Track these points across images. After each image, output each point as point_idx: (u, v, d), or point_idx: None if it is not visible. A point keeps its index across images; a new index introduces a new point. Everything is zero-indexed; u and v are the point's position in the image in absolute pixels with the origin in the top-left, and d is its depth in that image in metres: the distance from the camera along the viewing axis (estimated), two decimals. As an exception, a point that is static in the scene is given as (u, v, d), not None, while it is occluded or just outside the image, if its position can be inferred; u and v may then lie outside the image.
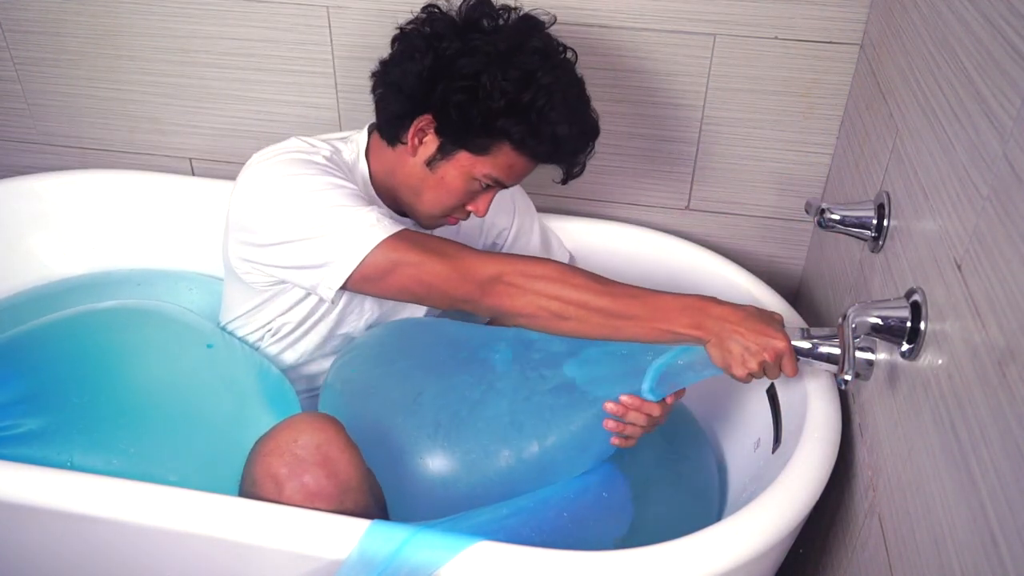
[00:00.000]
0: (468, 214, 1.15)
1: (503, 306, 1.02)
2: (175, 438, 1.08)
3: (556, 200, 1.50)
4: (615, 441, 1.04)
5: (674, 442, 1.20)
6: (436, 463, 1.03)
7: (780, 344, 0.96)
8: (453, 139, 1.08)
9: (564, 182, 1.15)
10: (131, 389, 1.11)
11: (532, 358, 1.09)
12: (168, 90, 1.53)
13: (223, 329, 1.26)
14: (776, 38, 1.28)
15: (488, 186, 1.11)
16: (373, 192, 1.17)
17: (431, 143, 1.09)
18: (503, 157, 1.08)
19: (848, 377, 0.89)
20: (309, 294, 1.14)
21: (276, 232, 1.05)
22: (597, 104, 1.38)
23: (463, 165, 1.09)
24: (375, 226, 1.02)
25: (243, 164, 1.57)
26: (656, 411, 1.03)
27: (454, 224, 1.19)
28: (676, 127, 1.39)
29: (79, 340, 1.16)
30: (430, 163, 1.10)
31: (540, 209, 1.43)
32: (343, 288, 1.03)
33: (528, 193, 1.41)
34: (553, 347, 1.09)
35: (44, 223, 1.55)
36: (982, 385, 0.65)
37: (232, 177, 1.54)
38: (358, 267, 1.01)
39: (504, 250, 1.34)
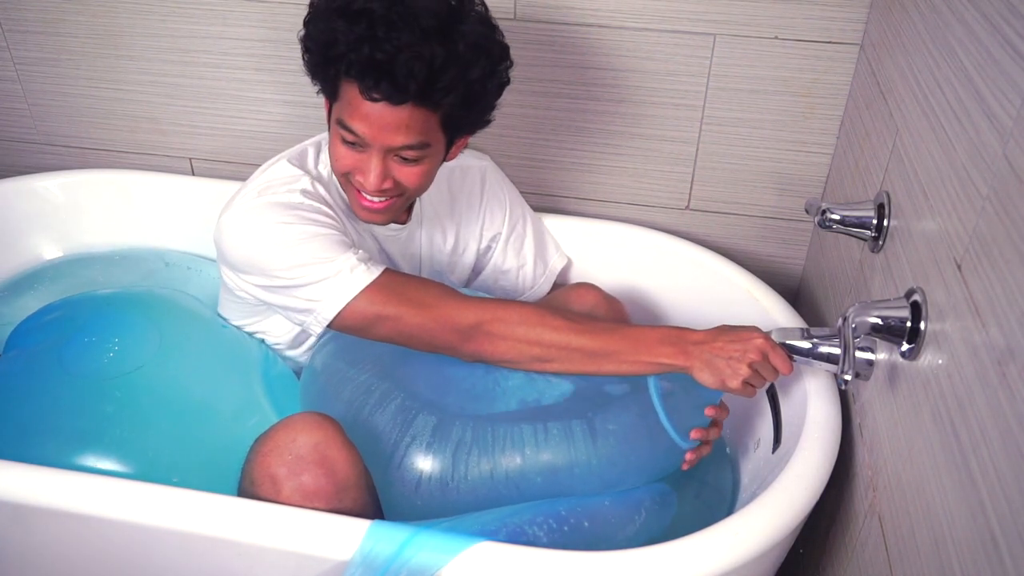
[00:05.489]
0: (363, 187, 1.05)
1: (484, 352, 1.03)
2: (184, 428, 1.09)
3: (555, 200, 1.50)
4: (686, 467, 1.04)
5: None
6: (408, 462, 1.02)
7: (759, 341, 0.97)
8: (324, 92, 1.05)
9: (432, 108, 1.00)
10: (150, 367, 1.12)
11: None
12: (168, 90, 1.53)
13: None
14: (776, 38, 1.28)
15: (354, 143, 1.02)
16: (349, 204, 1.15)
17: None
18: (345, 93, 1.00)
19: (848, 377, 0.89)
20: None
21: (260, 279, 1.05)
22: (598, 104, 1.39)
23: (331, 118, 1.04)
24: (351, 276, 1.01)
25: (243, 164, 1.58)
26: (725, 413, 1.05)
27: (373, 207, 1.07)
28: (676, 127, 1.39)
29: (110, 314, 1.20)
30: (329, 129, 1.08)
31: (539, 209, 1.43)
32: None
33: (527, 193, 1.41)
34: None
35: (44, 223, 1.55)
36: (982, 385, 0.65)
37: (232, 177, 1.55)
38: (337, 317, 1.02)
39: (497, 253, 1.34)
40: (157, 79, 1.52)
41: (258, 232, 1.04)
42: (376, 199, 1.06)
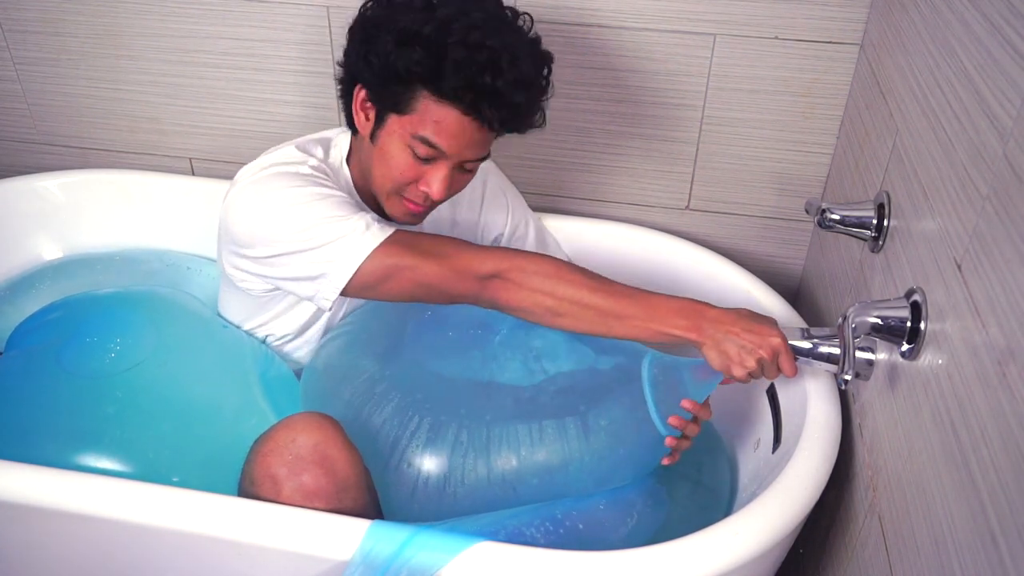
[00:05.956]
0: (424, 196, 1.07)
1: (500, 300, 1.03)
2: (184, 428, 1.09)
3: (555, 200, 1.50)
4: (667, 461, 1.04)
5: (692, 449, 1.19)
6: (414, 461, 1.01)
7: (775, 341, 0.97)
8: (380, 102, 1.05)
9: (514, 129, 1.07)
10: (150, 366, 1.12)
11: (532, 344, 1.09)
12: (168, 90, 1.53)
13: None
14: (776, 38, 1.28)
15: (429, 158, 1.04)
16: (358, 197, 1.16)
17: (371, 114, 1.07)
18: (427, 111, 1.01)
19: (848, 377, 0.89)
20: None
21: (270, 247, 1.04)
22: (598, 104, 1.39)
23: (395, 130, 1.04)
24: (366, 233, 1.01)
25: (243, 164, 1.58)
26: (708, 414, 1.04)
27: (418, 212, 1.10)
28: (676, 127, 1.39)
29: (110, 314, 1.21)
30: (373, 136, 1.07)
31: (539, 209, 1.43)
32: (342, 295, 1.04)
33: (527, 193, 1.41)
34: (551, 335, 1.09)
35: (44, 223, 1.55)
36: (982, 385, 0.65)
37: (232, 177, 1.55)
38: (354, 276, 1.01)
39: None
40: (157, 79, 1.52)
41: (268, 198, 1.04)
42: (424, 203, 1.08)
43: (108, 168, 1.61)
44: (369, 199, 1.16)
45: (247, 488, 0.97)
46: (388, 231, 1.02)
